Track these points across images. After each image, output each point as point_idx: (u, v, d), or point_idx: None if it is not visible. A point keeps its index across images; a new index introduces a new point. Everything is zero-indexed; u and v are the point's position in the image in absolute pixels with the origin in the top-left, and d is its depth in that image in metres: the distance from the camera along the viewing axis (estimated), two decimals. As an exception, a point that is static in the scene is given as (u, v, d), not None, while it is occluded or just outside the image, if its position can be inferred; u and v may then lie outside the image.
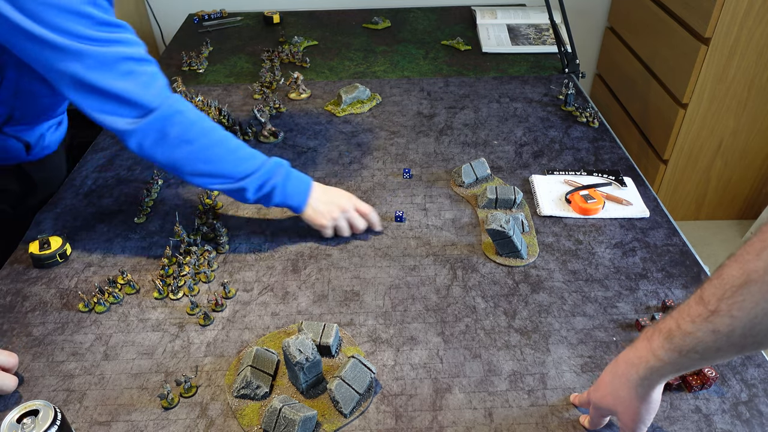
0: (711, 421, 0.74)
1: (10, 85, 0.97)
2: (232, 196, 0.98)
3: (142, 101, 0.86)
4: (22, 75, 0.96)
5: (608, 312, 0.90)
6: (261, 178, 0.96)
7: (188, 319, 0.89)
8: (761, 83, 1.87)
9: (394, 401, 0.77)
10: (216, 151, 0.93)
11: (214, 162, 0.93)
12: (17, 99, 0.99)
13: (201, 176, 0.93)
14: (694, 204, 2.19)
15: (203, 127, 0.92)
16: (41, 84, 0.99)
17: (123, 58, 0.84)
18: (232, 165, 0.94)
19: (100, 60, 0.82)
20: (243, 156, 0.96)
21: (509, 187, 1.10)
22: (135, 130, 0.86)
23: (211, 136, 0.93)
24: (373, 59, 1.72)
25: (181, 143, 0.89)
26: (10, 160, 1.09)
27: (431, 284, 0.95)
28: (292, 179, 1.00)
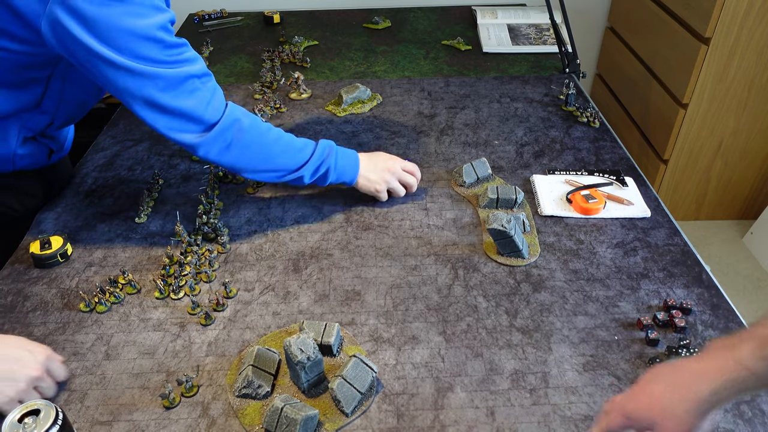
0: (712, 421, 0.74)
1: (55, 95, 1.00)
2: (291, 183, 1.06)
3: (205, 117, 0.92)
4: (65, 85, 0.99)
5: (610, 311, 0.90)
6: (315, 163, 1.04)
7: (189, 319, 0.89)
8: (761, 83, 1.87)
9: (396, 400, 0.77)
10: (272, 150, 1.01)
11: (272, 160, 1.01)
12: (60, 108, 1.03)
13: (262, 173, 1.02)
14: (695, 204, 2.19)
15: (259, 130, 0.99)
16: (83, 92, 1.04)
17: (189, 76, 0.90)
18: (288, 159, 1.02)
19: (170, 81, 0.88)
20: (296, 148, 1.03)
21: (510, 187, 1.09)
22: (201, 143, 0.94)
23: (267, 137, 1.00)
24: (374, 59, 1.72)
25: (242, 148, 0.97)
26: (34, 165, 1.10)
27: (432, 284, 0.95)
28: (341, 157, 1.07)
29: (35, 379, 0.74)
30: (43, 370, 0.75)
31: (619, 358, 0.82)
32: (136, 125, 1.39)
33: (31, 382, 0.74)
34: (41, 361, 0.75)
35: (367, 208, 1.11)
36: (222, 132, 0.94)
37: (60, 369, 0.79)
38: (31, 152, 1.06)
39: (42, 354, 0.76)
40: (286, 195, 1.15)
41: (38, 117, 1.00)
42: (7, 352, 0.74)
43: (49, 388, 0.77)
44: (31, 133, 1.02)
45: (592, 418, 0.74)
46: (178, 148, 1.30)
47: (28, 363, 0.74)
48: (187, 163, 1.25)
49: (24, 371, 0.73)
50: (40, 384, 0.75)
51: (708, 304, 0.91)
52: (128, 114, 1.43)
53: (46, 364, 0.76)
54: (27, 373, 0.73)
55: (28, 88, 0.95)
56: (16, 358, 0.74)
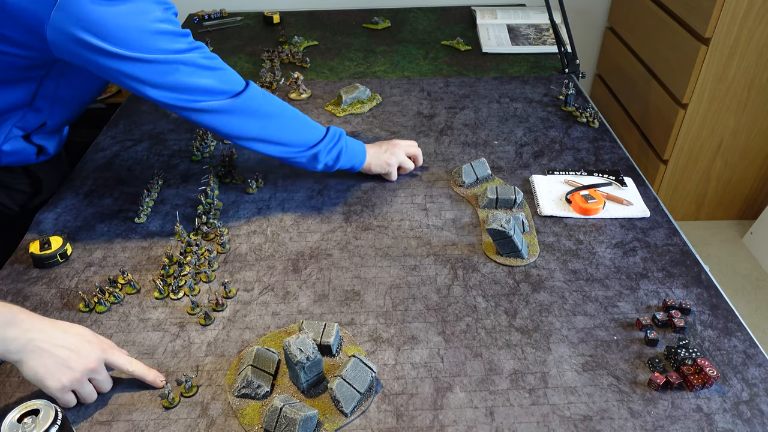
0: (712, 421, 0.74)
1: (48, 93, 1.00)
2: (304, 165, 1.09)
3: (229, 87, 0.96)
4: (60, 84, 0.99)
5: (609, 311, 0.90)
6: (329, 143, 1.07)
7: (189, 319, 0.89)
8: (761, 83, 1.87)
9: (395, 400, 0.77)
10: (293, 123, 1.05)
11: (292, 132, 1.04)
12: (54, 107, 1.02)
13: (282, 146, 1.04)
14: (694, 204, 2.19)
15: (280, 103, 1.04)
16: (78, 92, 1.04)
17: (205, 57, 0.94)
18: (306, 134, 1.06)
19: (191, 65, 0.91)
20: (312, 125, 1.08)
21: (510, 187, 1.10)
22: (228, 109, 0.96)
23: (287, 111, 1.04)
24: (374, 59, 1.72)
25: (265, 118, 1.01)
26: (20, 163, 1.10)
27: (432, 284, 0.95)
28: (351, 142, 1.12)
29: (90, 370, 0.74)
30: (99, 363, 0.75)
31: (618, 358, 0.82)
32: (136, 125, 1.39)
33: (85, 373, 0.74)
34: (98, 354, 0.75)
35: (367, 209, 1.11)
36: (248, 99, 0.97)
37: (121, 362, 0.78)
38: (17, 150, 1.07)
39: (100, 347, 0.76)
40: (286, 195, 1.15)
41: (31, 115, 1.00)
42: (69, 341, 0.74)
43: (104, 381, 0.77)
44: (22, 132, 1.02)
45: (591, 418, 0.75)
46: (178, 148, 1.30)
47: (85, 353, 0.74)
48: (187, 163, 1.25)
49: (81, 361, 0.73)
50: (94, 376, 0.75)
51: (707, 304, 0.91)
52: (128, 114, 1.43)
53: (105, 357, 0.76)
54: (83, 364, 0.73)
55: (20, 86, 0.96)
56: (76, 348, 0.74)
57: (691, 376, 0.77)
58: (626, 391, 0.78)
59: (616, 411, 0.75)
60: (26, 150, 1.09)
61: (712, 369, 0.76)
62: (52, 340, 0.73)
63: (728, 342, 0.84)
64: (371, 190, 1.16)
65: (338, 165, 1.10)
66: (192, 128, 1.37)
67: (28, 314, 0.74)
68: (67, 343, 0.74)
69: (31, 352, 0.71)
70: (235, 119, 0.98)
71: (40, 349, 0.72)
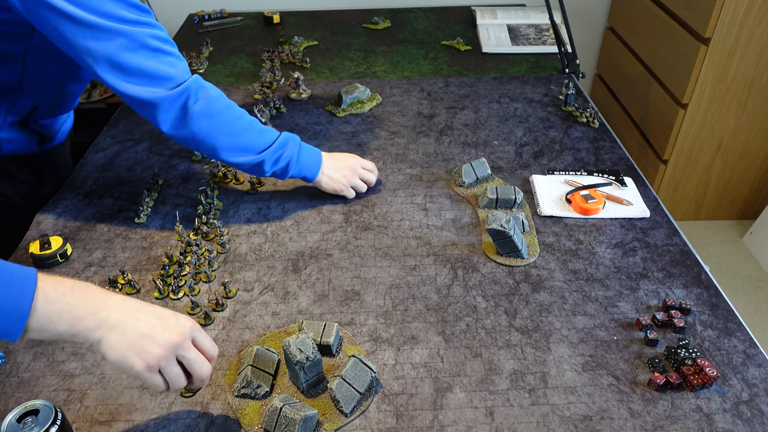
0: (712, 421, 0.74)
1: (33, 75, 0.98)
2: (251, 171, 1.03)
3: (168, 77, 0.90)
4: (45, 64, 0.97)
5: (609, 311, 0.90)
6: (277, 151, 1.02)
7: (189, 319, 0.89)
8: (761, 83, 1.87)
9: (395, 400, 0.77)
10: (236, 125, 0.99)
11: (236, 135, 0.98)
12: (44, 91, 1.01)
13: (223, 150, 0.98)
14: (694, 204, 2.19)
15: (225, 102, 0.98)
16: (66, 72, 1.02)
17: (153, 36, 0.88)
18: (251, 139, 1.00)
19: (133, 40, 0.86)
20: (260, 130, 1.02)
21: (510, 187, 1.10)
22: (162, 102, 0.90)
23: (232, 112, 0.99)
24: (373, 59, 1.72)
25: (205, 117, 0.94)
26: (22, 150, 1.10)
27: (432, 284, 0.95)
28: (305, 151, 1.07)
29: (177, 345, 0.66)
30: (186, 337, 0.67)
31: (618, 359, 0.82)
32: (136, 125, 1.39)
33: (172, 348, 0.66)
34: (185, 326, 0.68)
35: (367, 209, 1.11)
36: (185, 93, 0.91)
37: (208, 343, 0.71)
38: (18, 137, 1.06)
39: (187, 320, 0.69)
40: (286, 195, 1.15)
41: (22, 100, 1.00)
42: (150, 312, 0.67)
43: (195, 361, 0.68)
44: (17, 116, 1.02)
45: (591, 418, 0.75)
46: (178, 148, 1.30)
47: (171, 325, 0.67)
48: (187, 163, 1.25)
49: (166, 334, 0.66)
50: (183, 353, 0.67)
51: (707, 304, 0.91)
52: (128, 114, 1.43)
53: (193, 333, 0.68)
54: (169, 337, 0.66)
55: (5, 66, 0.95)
56: (160, 318, 0.67)
57: (691, 376, 0.77)
58: (626, 391, 0.78)
59: (616, 411, 0.75)
60: (26, 137, 1.08)
61: (712, 369, 0.76)
62: (133, 313, 0.66)
63: (728, 342, 0.84)
64: (371, 190, 1.16)
65: (288, 174, 1.05)
66: (192, 128, 1.37)
67: (101, 290, 0.67)
68: (150, 314, 0.67)
69: (111, 327, 0.64)
70: (172, 113, 0.92)
71: (121, 322, 0.64)
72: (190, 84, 0.92)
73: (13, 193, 1.12)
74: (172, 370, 0.67)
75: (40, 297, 0.62)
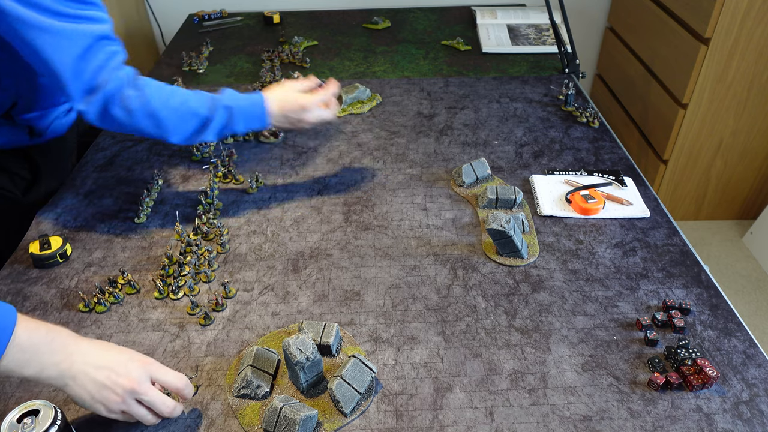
0: (712, 421, 0.74)
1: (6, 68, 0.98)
2: (197, 140, 1.03)
3: (88, 81, 0.89)
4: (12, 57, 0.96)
5: (609, 311, 0.90)
6: (216, 126, 1.02)
7: (189, 319, 0.89)
8: (761, 83, 1.87)
9: (395, 400, 0.77)
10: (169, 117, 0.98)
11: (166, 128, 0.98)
12: (18, 84, 1.01)
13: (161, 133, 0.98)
14: (694, 204, 2.19)
15: (157, 97, 0.96)
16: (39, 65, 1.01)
17: (86, 34, 0.86)
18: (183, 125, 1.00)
19: (64, 36, 0.84)
20: (192, 113, 1.00)
21: (509, 187, 1.10)
22: (88, 109, 0.92)
23: (166, 105, 0.97)
24: (373, 59, 1.72)
25: (143, 115, 0.95)
26: (12, 144, 1.10)
27: (432, 284, 0.95)
28: (242, 113, 1.05)
29: (132, 391, 0.69)
30: (141, 382, 0.69)
31: (618, 359, 0.82)
32: (136, 125, 1.38)
33: (129, 394, 0.69)
34: (140, 372, 0.70)
35: (367, 209, 1.11)
36: (108, 96, 0.91)
37: (168, 378, 0.73)
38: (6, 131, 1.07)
39: (142, 364, 0.71)
40: (286, 195, 1.15)
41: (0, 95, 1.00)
42: (108, 360, 0.70)
43: (155, 402, 0.71)
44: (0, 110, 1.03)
45: (591, 418, 0.75)
46: (178, 148, 1.30)
47: (125, 372, 0.69)
48: (186, 163, 1.25)
49: (121, 381, 0.69)
50: (141, 397, 0.70)
51: (707, 305, 0.91)
52: (128, 114, 1.43)
53: (150, 374, 0.71)
54: (124, 384, 0.69)
55: None
56: (115, 367, 0.69)
57: (691, 377, 0.77)
58: (626, 391, 0.78)
59: (616, 411, 0.75)
60: (15, 130, 1.08)
61: (711, 369, 0.76)
62: (92, 361, 0.69)
63: (728, 342, 0.84)
64: (371, 190, 1.16)
65: (237, 130, 1.06)
66: (192, 128, 1.37)
67: (73, 337, 0.70)
68: (106, 363, 0.69)
69: (72, 377, 0.67)
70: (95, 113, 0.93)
71: (81, 373, 0.68)
72: (113, 85, 0.92)
73: (11, 186, 1.12)
74: (135, 411, 0.71)
75: (13, 345, 0.64)
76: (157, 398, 0.71)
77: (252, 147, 1.31)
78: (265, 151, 1.29)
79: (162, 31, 2.37)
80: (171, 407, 0.72)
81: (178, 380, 0.74)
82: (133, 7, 2.22)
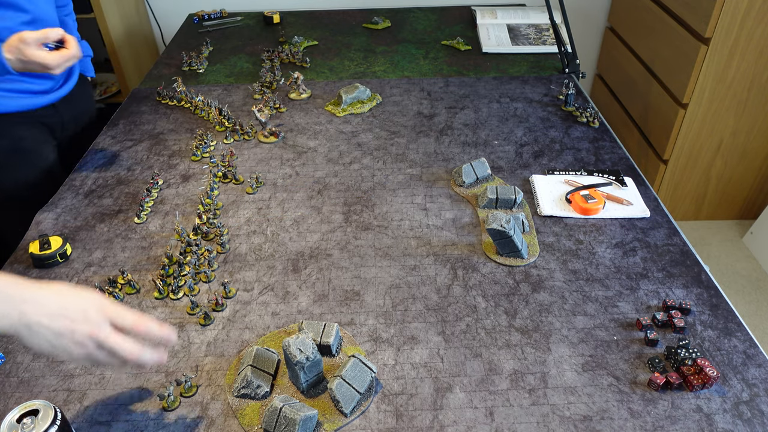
0: (712, 421, 0.74)
1: None
2: None
3: None
4: None
5: (609, 311, 0.90)
6: None
7: (188, 319, 0.89)
8: (761, 83, 1.87)
9: (395, 400, 0.77)
10: None
11: None
12: None
13: None
14: (694, 204, 2.19)
15: None
16: None
17: None
18: None
19: None
20: None
21: (510, 187, 1.09)
22: None
23: None
24: (373, 59, 1.72)
25: None
26: None
27: (432, 284, 0.95)
28: None
29: (95, 338, 0.65)
30: (102, 329, 0.65)
31: (618, 359, 0.82)
32: (136, 125, 1.39)
33: (92, 342, 0.65)
34: (100, 319, 0.66)
35: (367, 209, 1.11)
36: None
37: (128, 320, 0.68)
38: None
39: (100, 308, 0.66)
40: (286, 195, 1.15)
41: None
42: (65, 307, 0.65)
43: (118, 348, 0.66)
44: None
45: (591, 418, 0.75)
46: (178, 148, 1.30)
47: (82, 320, 0.65)
48: (186, 163, 1.25)
49: (83, 329, 0.65)
50: (104, 345, 0.65)
51: (707, 304, 0.91)
52: (128, 114, 1.43)
53: (109, 319, 0.66)
54: (86, 333, 0.65)
55: None
56: (74, 316, 0.65)
57: (691, 377, 0.77)
58: (626, 391, 0.78)
59: (616, 411, 0.75)
60: None
61: (712, 369, 0.76)
62: (46, 310, 0.64)
63: (728, 342, 0.84)
64: (371, 190, 1.16)
65: None
66: (192, 128, 1.37)
67: (22, 286, 0.65)
68: (62, 310, 0.65)
69: (26, 326, 0.63)
70: None
71: (35, 324, 0.63)
72: None
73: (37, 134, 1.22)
74: (99, 358, 0.66)
75: None
76: (118, 344, 0.66)
77: (252, 147, 1.31)
78: (265, 151, 1.29)
79: (162, 31, 2.36)
80: (135, 353, 0.67)
81: (141, 323, 0.68)
82: (133, 7, 2.22)
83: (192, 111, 1.44)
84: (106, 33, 2.02)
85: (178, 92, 1.47)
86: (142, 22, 2.30)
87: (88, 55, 1.36)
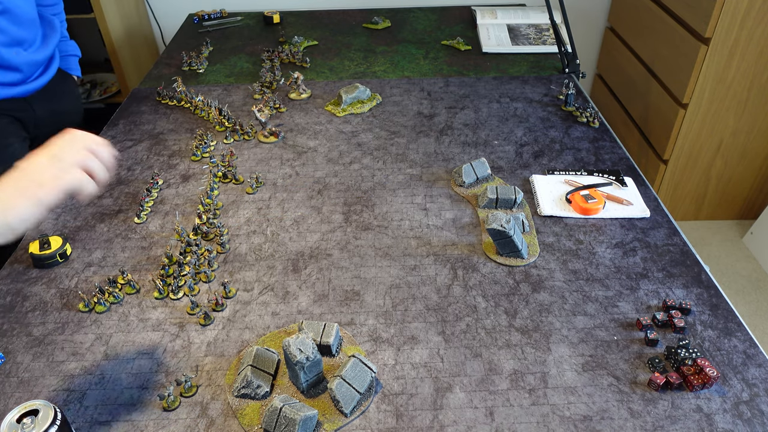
0: (712, 421, 0.74)
1: None
2: None
3: None
4: None
5: (609, 311, 0.90)
6: None
7: (188, 319, 0.89)
8: (761, 83, 1.87)
9: (395, 400, 0.77)
10: None
11: None
12: None
13: None
14: (694, 204, 2.19)
15: None
16: None
17: None
18: None
19: None
20: None
21: (510, 187, 1.09)
22: None
23: None
24: (374, 59, 1.72)
25: None
26: None
27: (432, 284, 0.95)
28: None
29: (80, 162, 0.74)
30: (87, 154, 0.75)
31: (618, 359, 0.82)
32: (136, 125, 1.39)
33: (76, 165, 0.74)
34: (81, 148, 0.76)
35: (367, 209, 1.11)
36: None
37: None
38: None
39: None
40: (286, 195, 1.15)
41: None
42: None
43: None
44: None
45: (591, 418, 0.75)
46: (178, 148, 1.30)
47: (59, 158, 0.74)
48: (186, 163, 1.25)
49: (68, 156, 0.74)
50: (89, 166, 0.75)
51: (707, 304, 0.91)
52: (128, 114, 1.43)
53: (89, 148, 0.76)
54: (70, 161, 0.74)
55: None
56: None
57: (691, 377, 0.77)
58: (626, 391, 0.78)
59: (616, 411, 0.75)
60: None
61: (712, 369, 0.76)
62: None
63: (728, 342, 0.84)
64: (371, 190, 1.16)
65: None
66: (192, 128, 1.37)
67: None
68: (17, 175, 0.71)
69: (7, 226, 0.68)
70: None
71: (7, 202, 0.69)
72: None
73: None
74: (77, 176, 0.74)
75: None
76: (80, 178, 0.76)
77: (252, 147, 1.31)
78: (265, 151, 1.29)
79: (162, 31, 2.37)
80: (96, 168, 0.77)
81: None
82: (133, 7, 2.22)
83: (192, 111, 1.44)
84: (106, 33, 2.02)
85: (178, 92, 1.47)
86: (142, 22, 2.30)
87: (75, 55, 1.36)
